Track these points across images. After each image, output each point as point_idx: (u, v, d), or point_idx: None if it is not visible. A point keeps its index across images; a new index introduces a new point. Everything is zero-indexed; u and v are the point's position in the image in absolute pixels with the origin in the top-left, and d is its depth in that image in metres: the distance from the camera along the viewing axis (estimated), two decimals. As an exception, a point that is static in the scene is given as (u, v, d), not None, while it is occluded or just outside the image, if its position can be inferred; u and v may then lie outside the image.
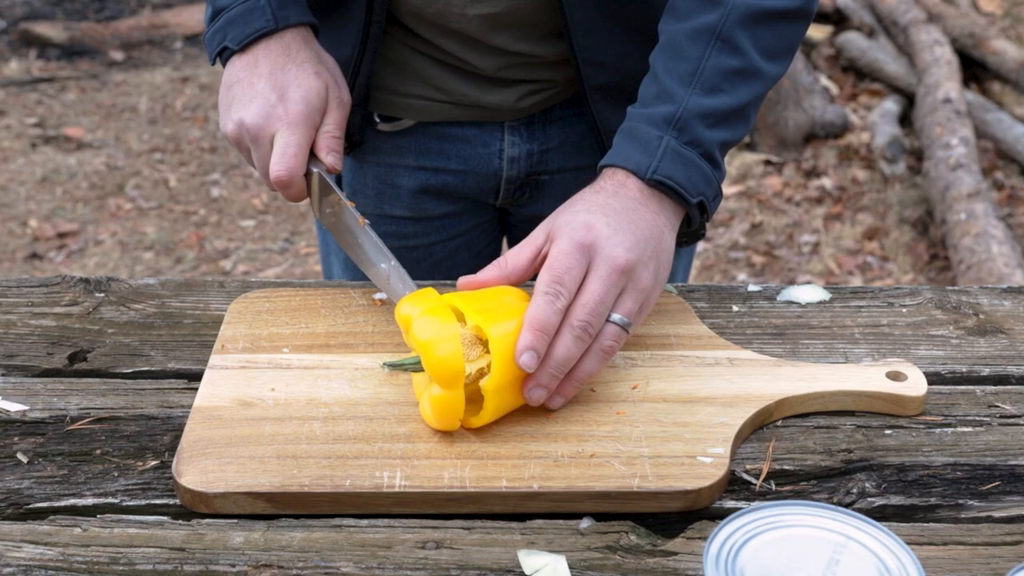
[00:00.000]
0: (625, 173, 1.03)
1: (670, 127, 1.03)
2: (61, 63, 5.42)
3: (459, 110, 1.31)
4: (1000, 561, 0.83)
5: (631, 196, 1.01)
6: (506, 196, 1.38)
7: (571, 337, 0.93)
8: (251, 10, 1.14)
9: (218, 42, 1.15)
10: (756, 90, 1.07)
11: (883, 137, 4.20)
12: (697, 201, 1.04)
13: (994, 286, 1.20)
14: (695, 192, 1.03)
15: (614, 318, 0.96)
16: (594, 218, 0.97)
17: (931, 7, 4.87)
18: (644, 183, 1.02)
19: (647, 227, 1.00)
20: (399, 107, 1.32)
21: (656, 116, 1.04)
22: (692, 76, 1.04)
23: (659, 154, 1.02)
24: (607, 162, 1.05)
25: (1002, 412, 1.00)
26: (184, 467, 0.90)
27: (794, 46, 1.12)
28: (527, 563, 0.83)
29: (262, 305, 1.12)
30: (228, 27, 1.14)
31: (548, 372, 0.93)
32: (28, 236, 3.93)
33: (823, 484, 0.92)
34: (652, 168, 1.02)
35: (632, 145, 1.04)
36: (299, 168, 1.09)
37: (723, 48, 1.05)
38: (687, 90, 1.04)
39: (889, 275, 3.59)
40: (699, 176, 1.03)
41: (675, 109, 1.04)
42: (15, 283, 1.20)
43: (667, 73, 1.06)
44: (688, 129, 1.03)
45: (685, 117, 1.03)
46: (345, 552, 0.84)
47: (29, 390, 1.03)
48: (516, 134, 1.33)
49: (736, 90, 1.05)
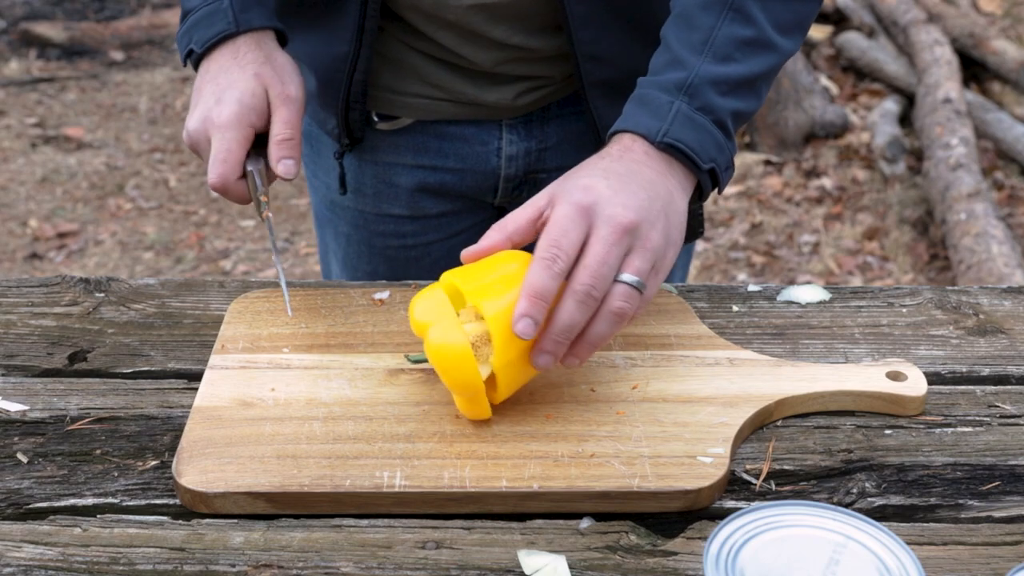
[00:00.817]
0: (632, 137, 1.01)
1: (681, 92, 1.02)
2: (61, 63, 5.42)
3: (457, 108, 1.31)
4: (1000, 561, 0.83)
5: (636, 159, 0.99)
6: (504, 194, 1.38)
7: (573, 302, 0.90)
8: (214, 12, 1.14)
9: (185, 44, 1.17)
10: (768, 62, 1.06)
11: (883, 137, 4.20)
12: (709, 167, 1.01)
13: (994, 286, 1.20)
14: (707, 157, 1.01)
15: (623, 277, 0.92)
16: (594, 180, 0.95)
17: (931, 7, 4.87)
18: (653, 146, 1.00)
19: (652, 186, 0.97)
20: (396, 105, 1.32)
21: (667, 82, 1.03)
22: (704, 44, 1.03)
23: (670, 118, 1.00)
24: (616, 128, 1.03)
25: (1002, 412, 1.00)
26: (184, 467, 0.90)
27: (806, 23, 1.11)
28: (527, 563, 0.83)
29: (262, 305, 1.12)
30: (193, 29, 1.16)
31: (552, 338, 0.90)
32: (28, 236, 3.93)
33: (823, 484, 0.92)
34: (663, 131, 1.00)
35: (642, 110, 1.02)
36: (230, 173, 1.08)
37: (736, 18, 1.04)
38: (699, 57, 1.03)
39: (889, 275, 3.59)
40: (711, 141, 1.01)
41: (686, 75, 1.02)
42: (15, 283, 1.20)
43: (678, 42, 1.05)
44: (700, 95, 1.01)
45: (696, 83, 1.02)
46: (345, 552, 0.84)
47: (29, 390, 1.03)
48: (514, 132, 1.33)
49: (748, 60, 1.04)
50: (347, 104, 1.27)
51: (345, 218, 1.42)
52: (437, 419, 0.95)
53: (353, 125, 1.30)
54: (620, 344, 1.06)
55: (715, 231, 3.89)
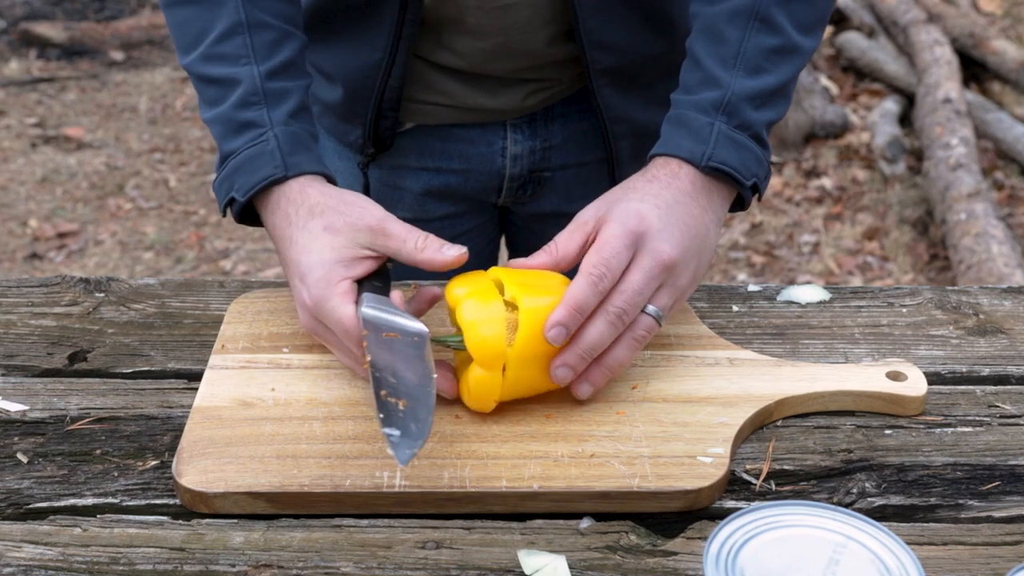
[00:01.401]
0: (679, 162, 1.02)
1: (719, 112, 1.03)
2: (61, 63, 5.42)
3: (462, 113, 1.31)
4: (1000, 561, 0.83)
5: (683, 189, 1.01)
6: (508, 194, 1.38)
7: (605, 322, 0.93)
8: (259, 155, 1.02)
9: (225, 192, 1.04)
10: (796, 66, 1.07)
11: (883, 137, 4.20)
12: (752, 183, 1.04)
13: (994, 286, 1.20)
14: (749, 175, 1.03)
15: (649, 309, 0.96)
16: (646, 208, 0.97)
17: (931, 7, 4.87)
18: (698, 171, 1.01)
19: (695, 224, 0.99)
20: (401, 111, 1.31)
21: (704, 102, 1.03)
22: (735, 58, 1.04)
23: (712, 140, 1.02)
24: (658, 151, 1.04)
25: (1002, 412, 1.00)
26: (184, 467, 0.90)
27: (826, 17, 1.11)
28: (527, 563, 0.83)
29: (262, 305, 1.12)
30: (235, 174, 1.03)
31: (576, 353, 0.93)
32: (28, 236, 3.93)
33: (823, 484, 0.92)
34: (707, 155, 1.01)
35: (682, 133, 1.03)
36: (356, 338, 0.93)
37: (762, 28, 1.04)
38: (731, 73, 1.03)
39: (889, 275, 3.59)
40: (751, 158, 1.03)
41: (722, 94, 1.03)
42: (15, 283, 1.20)
43: (709, 57, 1.05)
44: (737, 113, 1.03)
45: (733, 101, 1.03)
46: (345, 552, 0.84)
47: (29, 390, 1.03)
48: (519, 132, 1.33)
49: (778, 68, 1.05)
50: (379, 112, 1.25)
51: None
52: (437, 419, 0.95)
53: (384, 133, 1.28)
54: (620, 344, 1.06)
55: (715, 231, 3.88)
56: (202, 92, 1.08)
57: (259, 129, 1.03)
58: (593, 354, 0.94)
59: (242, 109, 1.04)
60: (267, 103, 1.04)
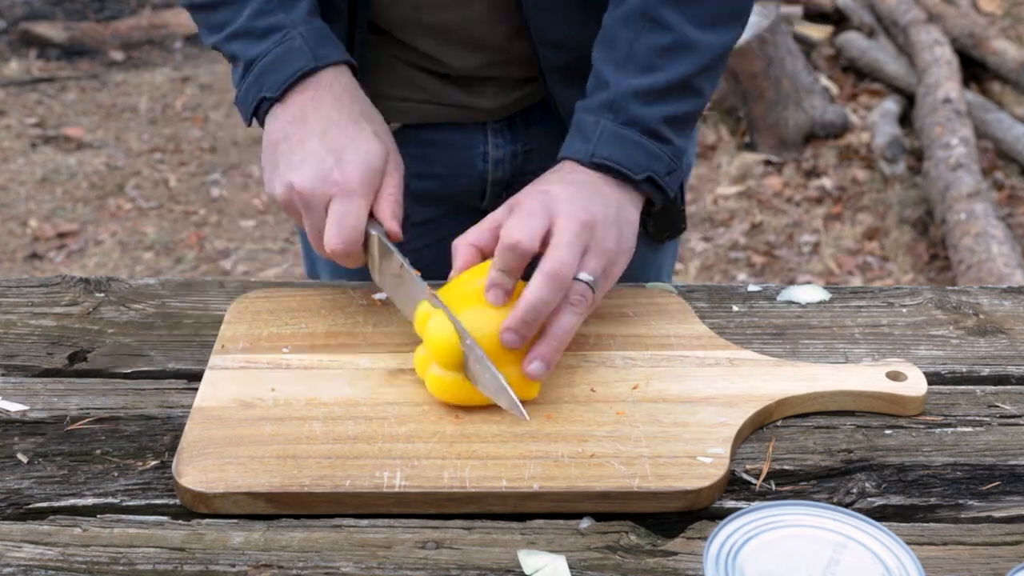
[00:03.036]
0: (571, 162, 1.06)
1: (605, 111, 1.06)
2: (61, 63, 5.42)
3: (441, 110, 1.31)
4: (1000, 561, 0.83)
5: (584, 178, 1.04)
6: (492, 198, 1.38)
7: (542, 279, 0.94)
8: (287, 53, 1.07)
9: (254, 95, 1.08)
10: (696, 61, 1.08)
11: (883, 137, 4.20)
12: (644, 176, 1.05)
13: (994, 286, 1.20)
14: (638, 169, 1.05)
15: (581, 276, 0.97)
16: (550, 187, 1.01)
17: (931, 7, 4.87)
18: (588, 168, 1.05)
19: (603, 196, 1.02)
20: (381, 110, 1.31)
21: (593, 104, 1.07)
22: (626, 59, 1.07)
23: (595, 138, 1.05)
24: (559, 156, 1.08)
25: (1002, 412, 1.00)
26: (184, 467, 0.90)
27: (739, 9, 1.12)
28: (527, 563, 0.83)
29: (262, 305, 1.12)
30: (263, 76, 1.08)
31: (519, 317, 0.94)
32: (28, 236, 3.93)
33: (823, 484, 0.92)
34: (590, 152, 1.04)
35: (575, 136, 1.07)
36: (358, 239, 1.02)
37: (652, 27, 1.07)
38: (619, 74, 1.06)
39: (889, 275, 3.59)
40: (641, 153, 1.05)
41: (609, 94, 1.06)
42: (15, 283, 1.20)
43: (602, 62, 1.09)
44: (623, 110, 1.05)
45: (618, 99, 1.05)
46: (345, 552, 0.84)
47: (29, 390, 1.03)
48: (499, 136, 1.33)
49: (672, 65, 1.06)
50: None
51: None
52: (437, 419, 0.95)
53: None
54: (620, 344, 1.06)
55: (715, 231, 3.89)
56: (208, 18, 1.14)
57: (282, 31, 1.08)
58: (537, 315, 0.94)
59: (260, 18, 1.09)
60: (283, 7, 1.09)
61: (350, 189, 1.02)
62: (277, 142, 1.06)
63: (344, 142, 1.04)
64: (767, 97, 4.29)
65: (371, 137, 1.06)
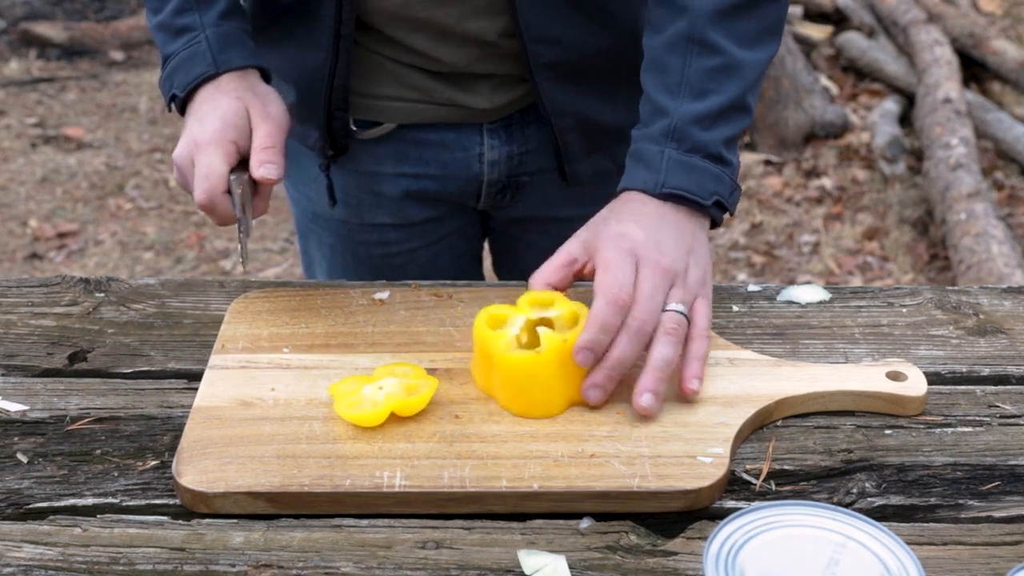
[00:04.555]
0: (639, 193, 1.06)
1: (668, 139, 1.06)
2: (61, 63, 5.42)
3: (436, 109, 1.30)
4: (1000, 561, 0.83)
5: (654, 210, 1.05)
6: (488, 199, 1.38)
7: (627, 336, 0.97)
8: (192, 56, 1.15)
9: (167, 89, 1.17)
10: (745, 81, 1.09)
11: (883, 137, 4.20)
12: (713, 201, 1.06)
13: (994, 286, 1.20)
14: (707, 194, 1.06)
15: (670, 306, 0.99)
16: (631, 228, 1.03)
17: (931, 7, 4.87)
18: (657, 198, 1.05)
19: (677, 227, 1.04)
20: (376, 110, 1.31)
21: (654, 132, 1.07)
22: (679, 86, 1.08)
23: (663, 168, 1.05)
24: (622, 186, 1.09)
25: (1002, 412, 1.00)
26: (184, 467, 0.90)
27: (775, 26, 1.13)
28: (527, 563, 0.83)
29: (262, 305, 1.12)
30: (174, 74, 1.16)
31: (605, 371, 0.96)
32: (28, 236, 3.93)
33: (823, 484, 0.92)
34: (660, 183, 1.05)
35: (638, 166, 1.08)
36: (215, 186, 1.07)
37: (701, 52, 1.07)
38: (676, 100, 1.07)
39: (889, 275, 3.59)
40: (707, 178, 1.06)
41: (669, 121, 1.07)
42: (15, 283, 1.20)
43: (655, 89, 1.09)
44: (686, 137, 1.06)
45: (680, 126, 1.06)
46: (345, 552, 0.84)
47: (29, 390, 1.03)
48: (495, 137, 1.33)
49: (724, 87, 1.07)
50: (329, 113, 1.27)
51: (329, 229, 1.42)
52: (437, 419, 0.95)
53: (337, 134, 1.30)
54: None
55: (715, 231, 3.88)
56: (149, 4, 1.22)
57: (192, 33, 1.16)
58: (621, 369, 0.96)
59: (178, 16, 1.17)
60: (199, 8, 1.17)
61: (202, 144, 1.09)
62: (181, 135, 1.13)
63: (208, 111, 1.11)
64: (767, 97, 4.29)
65: (231, 100, 1.12)
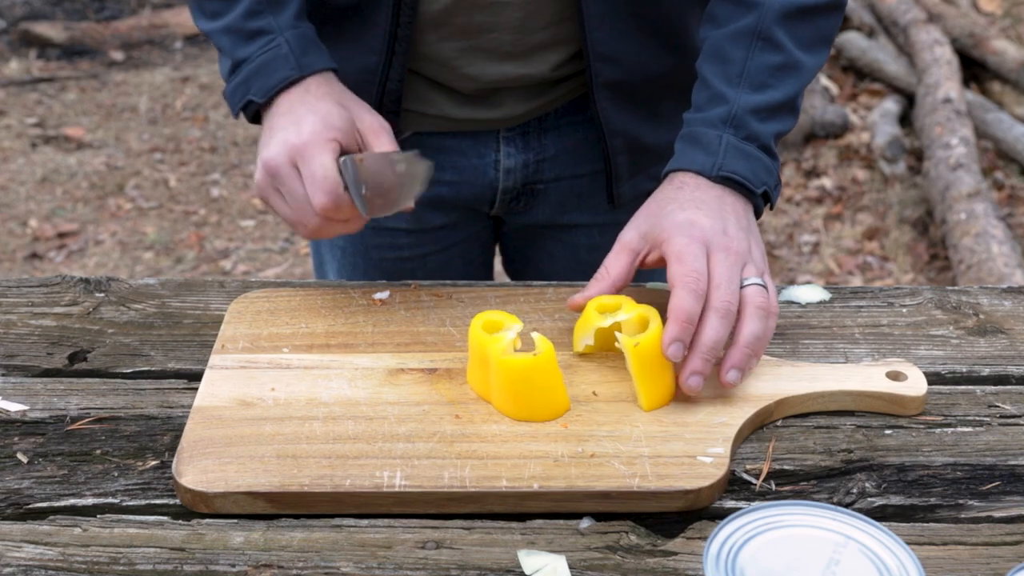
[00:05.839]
0: (692, 175, 1.07)
1: (727, 125, 1.08)
2: (61, 63, 5.42)
3: (453, 123, 1.30)
4: (1000, 561, 0.83)
5: (712, 195, 1.06)
6: (502, 205, 1.37)
7: (716, 318, 0.97)
8: (273, 59, 1.10)
9: (241, 95, 1.12)
10: (800, 82, 1.12)
11: (883, 137, 4.20)
12: (762, 191, 1.08)
13: (994, 286, 1.20)
14: (759, 183, 1.07)
15: (747, 281, 1.00)
16: (695, 215, 1.03)
17: (931, 7, 4.87)
18: (711, 181, 1.06)
19: (735, 214, 1.05)
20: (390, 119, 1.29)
21: (712, 118, 1.09)
22: (739, 77, 1.09)
23: (721, 152, 1.07)
24: (673, 167, 1.09)
25: (1002, 412, 1.00)
26: (184, 467, 0.90)
27: (830, 37, 1.16)
28: (527, 563, 0.83)
29: (262, 305, 1.12)
30: (252, 79, 1.11)
31: (701, 356, 0.96)
32: (28, 236, 3.93)
33: (823, 484, 0.92)
34: (717, 166, 1.06)
35: (695, 148, 1.09)
36: (335, 187, 1.02)
37: (764, 47, 1.10)
38: (736, 90, 1.09)
39: (889, 275, 3.59)
40: (760, 167, 1.08)
41: (729, 108, 1.08)
42: (15, 283, 1.20)
43: (715, 77, 1.11)
44: (744, 125, 1.08)
45: (739, 114, 1.08)
46: (345, 552, 0.84)
47: (29, 390, 1.03)
48: (511, 145, 1.32)
49: (782, 84, 1.10)
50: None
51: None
52: (437, 419, 0.95)
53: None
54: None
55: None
56: (201, 4, 1.17)
57: (269, 35, 1.11)
58: (715, 352, 0.97)
59: (250, 19, 1.12)
60: (272, 10, 1.12)
61: (307, 145, 1.04)
62: (263, 137, 1.09)
63: (303, 113, 1.07)
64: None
65: (330, 104, 1.08)
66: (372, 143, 1.08)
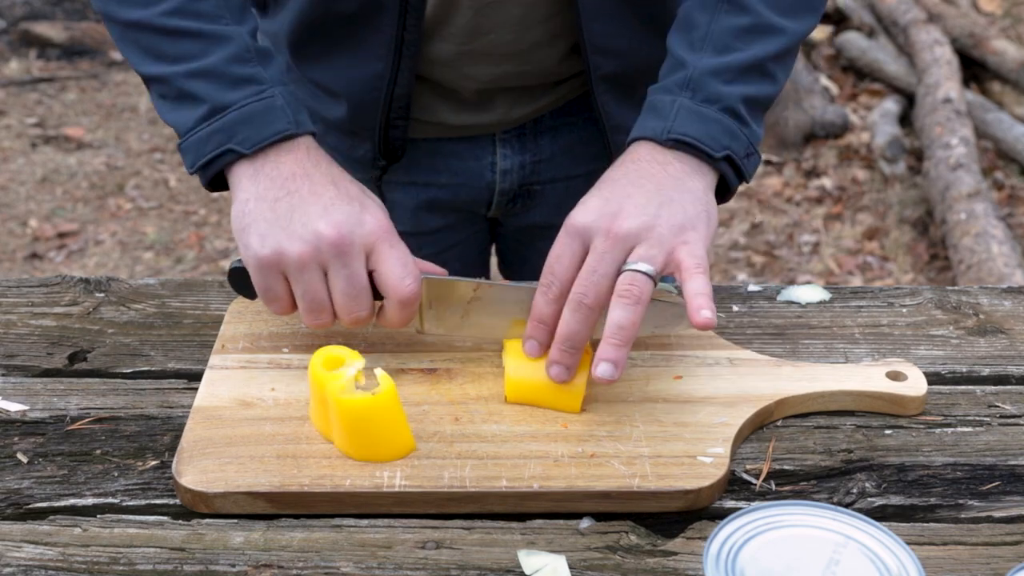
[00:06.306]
0: (641, 143, 1.02)
1: (683, 89, 1.03)
2: (61, 63, 5.42)
3: (450, 129, 1.30)
4: (1000, 561, 0.83)
5: (638, 162, 1.01)
6: (498, 207, 1.37)
7: (568, 311, 0.95)
8: (268, 110, 1.00)
9: (217, 144, 1.00)
10: (774, 45, 1.06)
11: (883, 137, 4.20)
12: (723, 155, 1.01)
13: (994, 286, 1.20)
14: (717, 146, 1.01)
15: (627, 266, 0.93)
16: (589, 200, 0.98)
17: (931, 7, 4.87)
18: (661, 146, 1.01)
19: (651, 179, 0.99)
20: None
21: (669, 84, 1.04)
22: (703, 40, 1.05)
23: (672, 115, 1.01)
24: (630, 138, 1.05)
25: (1002, 412, 1.00)
26: (184, 467, 0.90)
27: (815, 3, 1.10)
28: (527, 563, 0.83)
29: (262, 305, 1.12)
30: (237, 127, 1.00)
31: (557, 348, 0.95)
32: (28, 236, 3.93)
33: (823, 484, 0.92)
34: (667, 129, 1.01)
35: (649, 116, 1.04)
36: (420, 282, 0.98)
37: (730, 10, 1.05)
38: (697, 54, 1.04)
39: (889, 275, 3.59)
40: (719, 130, 1.01)
41: (686, 73, 1.03)
42: (15, 283, 1.20)
43: (679, 45, 1.07)
44: (702, 87, 1.02)
45: (696, 76, 1.03)
46: (345, 552, 0.84)
47: (29, 390, 1.03)
48: (508, 146, 1.32)
49: (749, 46, 1.04)
50: (387, 122, 1.23)
51: None
52: (437, 419, 0.95)
53: (395, 143, 1.26)
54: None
55: (716, 229, 3.88)
56: (157, 43, 1.04)
57: (259, 85, 1.02)
58: (572, 343, 0.94)
59: (236, 64, 1.02)
60: (259, 60, 1.03)
61: (391, 233, 0.98)
62: (277, 199, 0.98)
63: (357, 194, 1.00)
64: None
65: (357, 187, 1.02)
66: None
